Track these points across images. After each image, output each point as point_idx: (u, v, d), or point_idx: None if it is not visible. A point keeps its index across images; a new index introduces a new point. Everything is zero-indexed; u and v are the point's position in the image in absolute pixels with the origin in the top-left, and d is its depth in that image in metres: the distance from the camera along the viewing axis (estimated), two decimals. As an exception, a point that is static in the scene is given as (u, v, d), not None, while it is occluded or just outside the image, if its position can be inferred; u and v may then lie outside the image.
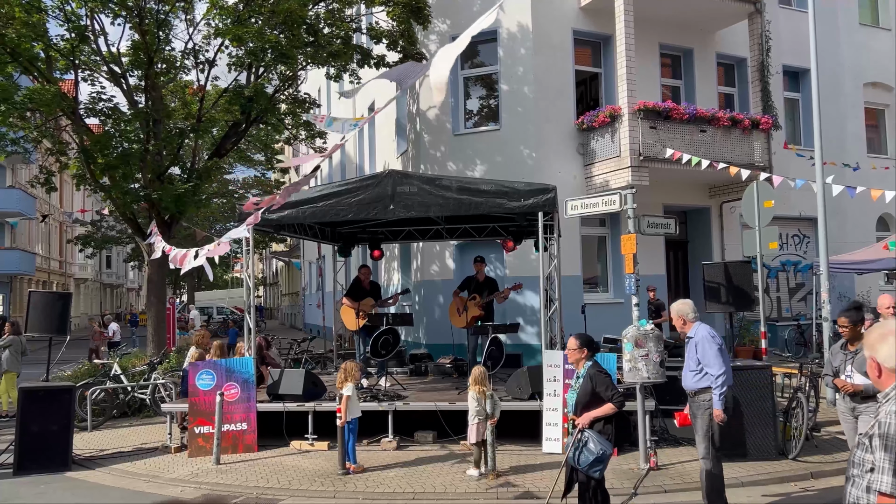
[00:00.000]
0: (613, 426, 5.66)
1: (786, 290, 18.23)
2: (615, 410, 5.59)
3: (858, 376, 6.02)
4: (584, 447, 5.47)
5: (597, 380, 5.70)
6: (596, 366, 5.82)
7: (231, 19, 13.91)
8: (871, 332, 2.78)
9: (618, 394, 5.63)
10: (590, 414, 5.61)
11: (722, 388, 6.13)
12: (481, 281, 12.08)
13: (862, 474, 2.63)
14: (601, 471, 5.50)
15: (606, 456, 5.47)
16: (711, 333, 6.38)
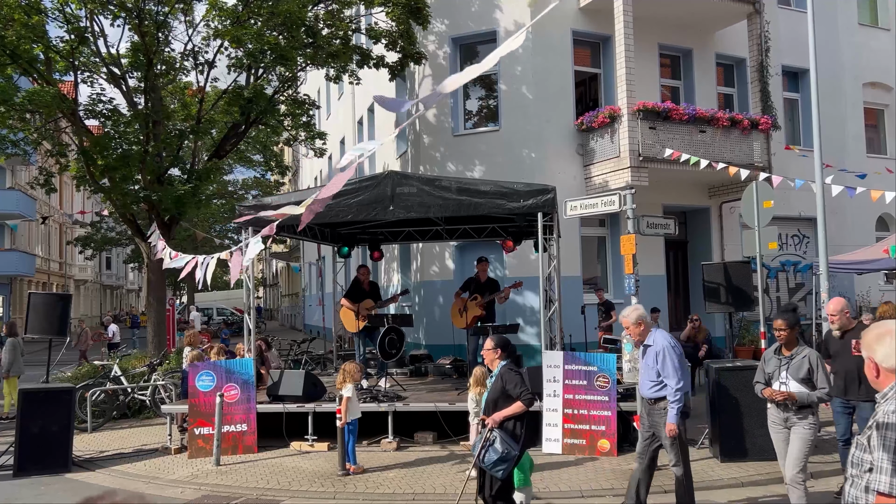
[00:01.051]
0: (524, 427, 5.58)
1: (785, 291, 18.21)
2: (524, 409, 5.52)
3: (794, 383, 5.78)
4: (491, 446, 5.46)
5: (506, 378, 5.65)
6: (509, 365, 5.77)
7: (230, 21, 13.94)
8: (868, 332, 2.78)
9: (526, 392, 5.55)
10: (500, 413, 5.56)
11: (679, 403, 5.99)
12: (483, 282, 12.08)
13: (861, 474, 2.63)
14: (504, 471, 5.43)
15: (511, 456, 5.42)
16: (672, 343, 6.22)
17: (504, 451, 5.41)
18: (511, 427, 5.55)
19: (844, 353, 6.75)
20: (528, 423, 5.67)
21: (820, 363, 5.77)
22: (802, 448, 5.68)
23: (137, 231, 15.72)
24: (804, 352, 5.83)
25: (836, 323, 6.82)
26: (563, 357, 8.99)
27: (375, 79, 17.94)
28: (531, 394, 5.61)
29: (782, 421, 5.85)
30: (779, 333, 5.89)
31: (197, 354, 10.85)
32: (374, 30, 15.44)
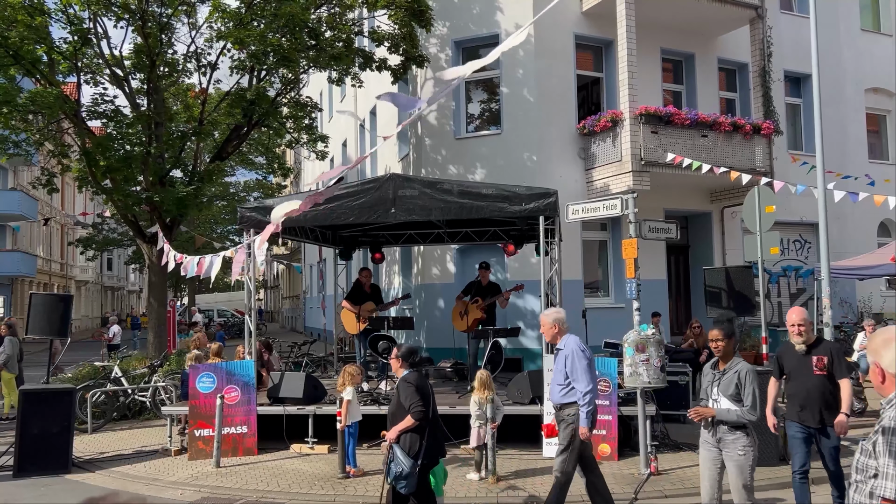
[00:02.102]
0: (423, 440, 5.49)
1: (787, 296, 18.21)
2: (415, 423, 5.44)
3: (725, 400, 5.32)
4: (392, 462, 5.42)
5: (401, 390, 5.60)
6: (407, 377, 5.67)
7: (233, 22, 13.94)
8: (874, 337, 2.76)
9: (416, 405, 5.45)
10: (396, 427, 5.51)
11: (589, 406, 5.93)
12: (484, 285, 12.08)
13: (865, 480, 2.62)
14: (406, 487, 5.37)
15: (407, 473, 5.34)
16: (581, 347, 6.15)
17: (399, 468, 5.36)
18: (408, 441, 5.48)
19: (805, 370, 6.09)
20: (430, 435, 5.55)
21: (750, 379, 5.28)
22: (740, 476, 5.25)
23: (139, 232, 15.71)
24: (736, 366, 5.40)
25: (803, 335, 6.11)
26: (564, 361, 8.97)
27: (378, 81, 17.96)
28: (422, 407, 5.45)
29: (714, 441, 5.41)
30: (715, 345, 5.50)
31: (197, 355, 10.84)
32: (377, 32, 15.45)
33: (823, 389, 5.99)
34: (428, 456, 5.52)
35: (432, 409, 5.62)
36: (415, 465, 5.37)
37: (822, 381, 5.98)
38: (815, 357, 6.04)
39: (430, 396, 5.69)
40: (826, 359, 6.00)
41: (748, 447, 5.27)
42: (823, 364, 5.99)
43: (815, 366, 6.01)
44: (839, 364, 6.01)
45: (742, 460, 5.26)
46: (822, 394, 5.98)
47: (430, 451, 5.55)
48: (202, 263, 9.58)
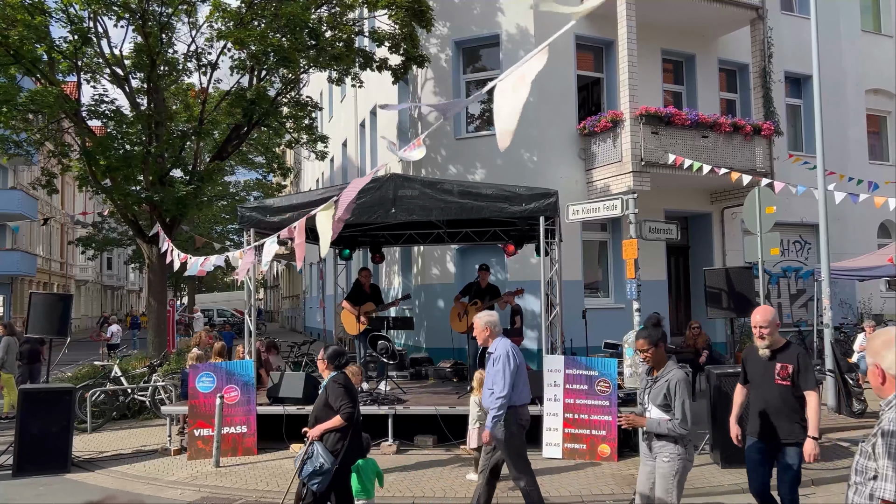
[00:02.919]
0: (347, 441, 5.51)
1: (787, 297, 18.21)
2: (343, 423, 5.47)
3: (655, 410, 4.95)
4: (309, 459, 5.42)
5: (330, 390, 5.61)
6: (336, 377, 5.69)
7: (233, 22, 13.95)
8: (874, 338, 2.76)
9: (346, 405, 5.47)
10: (320, 426, 5.53)
11: (499, 411, 5.78)
12: (483, 287, 12.07)
13: (865, 482, 2.62)
14: (320, 484, 5.36)
15: (326, 470, 5.36)
16: (509, 353, 5.98)
17: (319, 464, 5.36)
18: (331, 440, 5.50)
19: (767, 378, 5.35)
20: (353, 436, 5.58)
21: (679, 389, 4.85)
22: (663, 486, 4.89)
23: (139, 232, 15.72)
24: (668, 374, 4.97)
25: (766, 338, 5.35)
26: (563, 361, 8.98)
27: (378, 81, 17.96)
28: (351, 408, 5.49)
29: (647, 451, 5.11)
30: (643, 356, 5.14)
31: (198, 355, 10.84)
32: (377, 32, 15.46)
33: (785, 401, 5.23)
34: (347, 457, 5.54)
35: (357, 411, 5.65)
36: (334, 463, 5.40)
37: (784, 391, 5.22)
38: (778, 364, 5.24)
39: (357, 398, 5.73)
40: (791, 367, 5.20)
41: (674, 455, 4.87)
42: (787, 373, 5.21)
43: (777, 374, 5.23)
44: (805, 374, 5.20)
45: (666, 468, 4.89)
46: (784, 406, 5.23)
47: (351, 453, 5.58)
48: (206, 263, 9.56)
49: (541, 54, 3.95)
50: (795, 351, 5.33)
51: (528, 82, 3.95)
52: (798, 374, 5.21)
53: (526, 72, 3.98)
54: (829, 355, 11.07)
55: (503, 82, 4.14)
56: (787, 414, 5.24)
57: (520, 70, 4.03)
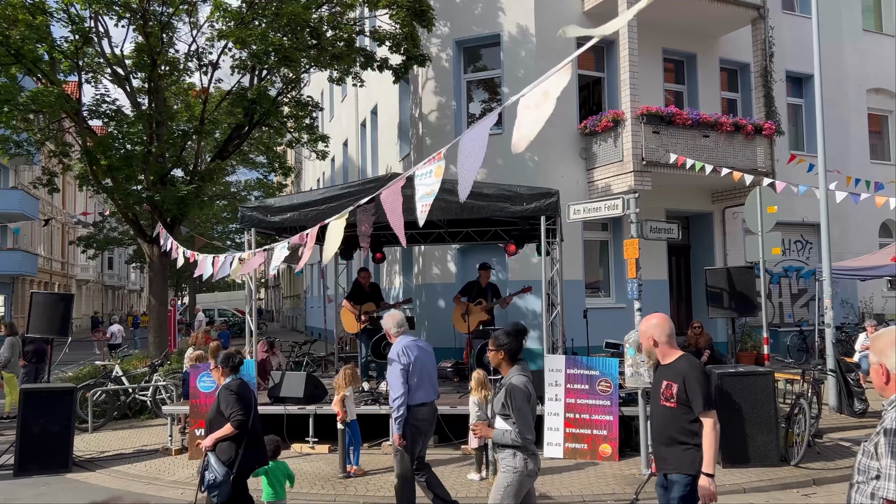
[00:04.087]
0: (240, 449, 5.40)
1: (788, 296, 18.20)
2: (234, 432, 5.36)
3: (498, 419, 4.68)
4: (206, 470, 5.35)
5: (222, 397, 5.51)
6: (228, 384, 5.59)
7: (234, 22, 13.95)
8: (879, 337, 2.74)
9: (237, 413, 5.35)
10: (213, 435, 5.43)
11: (398, 412, 5.78)
12: (484, 287, 12.06)
13: (867, 481, 2.61)
14: (219, 496, 5.30)
15: (220, 482, 5.28)
16: (400, 351, 6.00)
17: (211, 477, 5.30)
18: (224, 449, 5.40)
19: (655, 399, 4.63)
20: (250, 444, 5.47)
21: (514, 397, 4.59)
22: (494, 494, 4.67)
23: (140, 231, 15.72)
24: (508, 381, 4.68)
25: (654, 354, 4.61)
26: (565, 361, 8.98)
27: (379, 81, 17.95)
28: (242, 415, 5.38)
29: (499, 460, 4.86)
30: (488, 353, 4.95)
31: (198, 355, 10.83)
32: (378, 32, 15.45)
33: (668, 426, 4.46)
34: (244, 465, 5.43)
35: (253, 417, 5.53)
36: (228, 473, 5.30)
37: (668, 414, 4.45)
38: (664, 382, 4.49)
39: (252, 404, 5.60)
40: (676, 386, 4.38)
41: (510, 468, 4.64)
42: (671, 393, 4.42)
43: (661, 394, 4.48)
44: (694, 393, 4.31)
45: (500, 479, 4.68)
46: (667, 432, 4.46)
47: (248, 461, 5.45)
48: (216, 263, 9.50)
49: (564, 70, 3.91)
50: (683, 367, 4.43)
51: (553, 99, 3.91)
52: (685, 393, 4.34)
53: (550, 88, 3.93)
54: (831, 355, 11.06)
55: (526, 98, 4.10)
56: (672, 441, 4.42)
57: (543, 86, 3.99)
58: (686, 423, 4.36)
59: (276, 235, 12.18)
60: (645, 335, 4.56)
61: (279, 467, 5.88)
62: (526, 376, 4.70)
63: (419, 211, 5.03)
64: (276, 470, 5.83)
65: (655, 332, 4.50)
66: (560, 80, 3.92)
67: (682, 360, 4.47)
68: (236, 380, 5.64)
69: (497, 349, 4.79)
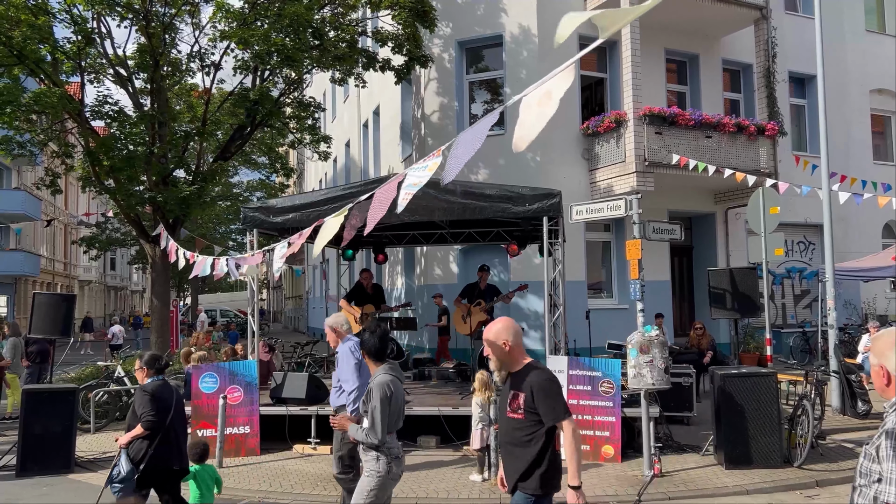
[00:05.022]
0: (150, 448, 5.49)
1: (791, 297, 18.17)
2: (144, 432, 5.46)
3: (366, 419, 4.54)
4: (115, 466, 5.48)
5: (136, 398, 5.61)
6: (144, 385, 5.65)
7: (237, 22, 13.96)
8: (879, 338, 2.73)
9: (147, 414, 5.44)
10: (127, 434, 5.53)
11: (355, 405, 5.80)
12: (483, 288, 12.06)
13: (869, 484, 2.59)
14: (122, 492, 5.38)
15: (124, 478, 5.39)
16: (353, 348, 6.06)
17: (116, 472, 5.42)
18: (135, 448, 5.50)
19: (503, 411, 4.20)
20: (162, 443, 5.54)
21: (371, 395, 4.45)
22: (357, 497, 4.55)
23: (142, 232, 15.74)
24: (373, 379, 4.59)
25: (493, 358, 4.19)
26: (567, 362, 8.96)
27: (381, 82, 17.96)
28: (152, 416, 5.45)
29: None
30: None
31: (202, 356, 10.84)
32: (381, 33, 15.45)
33: (515, 440, 4.05)
34: (153, 462, 5.51)
35: (172, 418, 5.61)
36: (133, 471, 5.43)
37: (516, 427, 4.03)
38: (511, 392, 4.10)
39: (171, 405, 5.66)
40: (523, 396, 4.00)
41: (373, 472, 4.50)
42: (519, 404, 4.02)
43: (509, 405, 4.09)
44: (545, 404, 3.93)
45: (363, 483, 4.53)
46: (515, 447, 4.04)
47: (157, 458, 5.53)
48: (216, 265, 9.49)
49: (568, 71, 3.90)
50: (533, 376, 4.05)
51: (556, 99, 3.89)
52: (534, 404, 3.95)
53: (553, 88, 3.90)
54: (834, 356, 11.04)
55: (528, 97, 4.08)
56: (519, 457, 4.00)
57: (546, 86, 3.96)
58: (529, 437, 3.97)
59: (278, 236, 12.20)
60: (496, 342, 4.09)
61: (207, 471, 5.89)
62: (392, 375, 4.59)
63: (401, 198, 4.96)
64: (203, 473, 5.85)
65: (508, 336, 4.09)
66: (563, 80, 3.90)
67: (529, 367, 4.12)
68: (156, 381, 5.71)
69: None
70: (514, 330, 4.15)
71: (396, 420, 4.60)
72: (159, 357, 5.94)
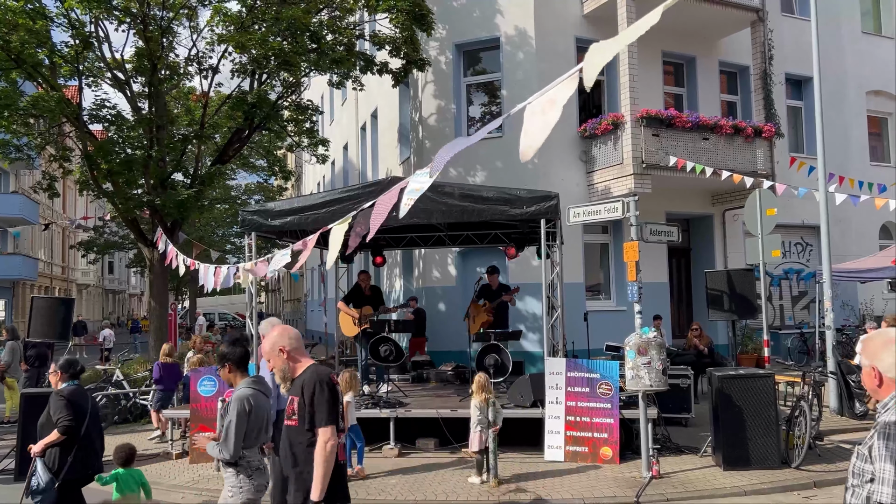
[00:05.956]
0: (69, 455, 5.40)
1: (789, 299, 18.19)
2: (59, 438, 5.32)
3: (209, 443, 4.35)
4: (33, 476, 5.35)
5: (52, 403, 5.51)
6: (62, 389, 5.56)
7: (234, 26, 13.99)
8: (872, 340, 2.74)
9: (64, 419, 5.30)
10: (42, 441, 5.41)
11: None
12: (494, 289, 12.07)
13: (861, 484, 2.61)
14: (41, 502, 5.29)
15: (43, 489, 5.27)
16: None
17: (36, 483, 5.30)
18: (52, 456, 5.38)
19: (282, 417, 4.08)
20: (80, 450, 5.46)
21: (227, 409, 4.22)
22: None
23: (140, 235, 15.75)
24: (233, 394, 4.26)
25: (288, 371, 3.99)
26: (565, 364, 8.98)
27: (378, 85, 17.98)
28: (69, 421, 5.34)
29: None
30: None
31: (199, 359, 10.84)
32: (378, 36, 15.47)
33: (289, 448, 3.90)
34: (71, 472, 5.41)
35: (87, 424, 5.51)
36: (52, 480, 5.31)
37: (290, 434, 3.88)
38: (290, 398, 3.93)
39: (87, 410, 5.58)
40: (297, 401, 3.83)
41: (235, 489, 4.21)
42: (293, 409, 3.86)
43: (286, 414, 3.94)
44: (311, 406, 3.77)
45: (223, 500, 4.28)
46: (288, 456, 3.90)
47: (75, 468, 5.43)
48: (219, 273, 9.44)
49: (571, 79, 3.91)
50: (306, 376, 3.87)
51: (560, 107, 3.89)
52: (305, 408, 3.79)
53: (556, 96, 3.91)
54: (831, 357, 11.06)
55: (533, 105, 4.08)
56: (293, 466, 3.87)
57: (550, 94, 3.97)
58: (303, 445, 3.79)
59: (276, 239, 12.22)
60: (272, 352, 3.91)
61: (132, 475, 5.86)
62: (254, 389, 4.26)
63: (403, 203, 4.98)
64: (127, 477, 5.81)
65: (284, 341, 3.91)
66: (566, 88, 3.91)
67: (307, 370, 3.92)
68: (71, 386, 5.64)
69: (222, 364, 4.39)
70: (290, 335, 3.98)
71: (257, 435, 4.29)
72: (76, 362, 5.84)
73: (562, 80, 3.91)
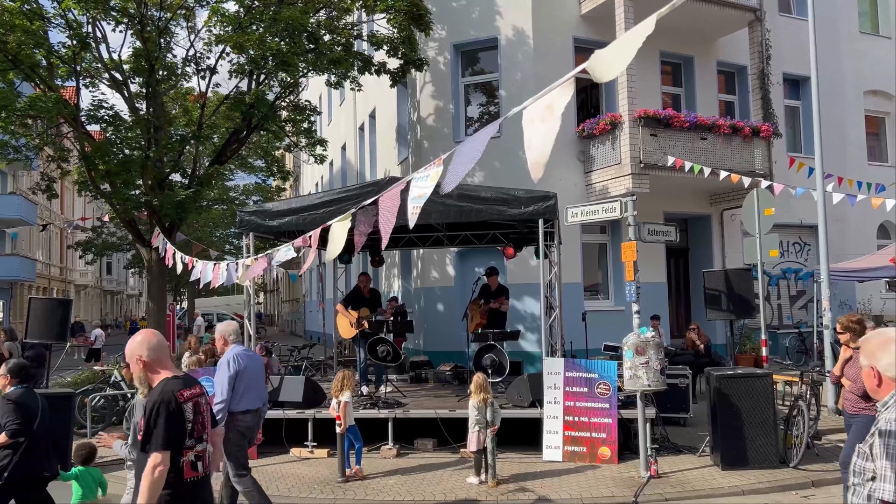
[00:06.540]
0: (15, 457, 5.39)
1: (787, 298, 18.21)
2: (7, 441, 5.35)
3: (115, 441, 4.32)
4: None
5: (0, 407, 5.52)
6: (9, 394, 5.58)
7: (232, 27, 13.98)
8: (870, 340, 2.75)
9: (12, 423, 5.34)
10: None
11: (218, 415, 5.71)
12: (493, 289, 12.06)
13: (863, 483, 2.61)
14: None
15: None
16: (231, 359, 6.09)
17: None
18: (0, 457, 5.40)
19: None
20: (29, 451, 5.46)
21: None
22: None
23: (138, 236, 15.73)
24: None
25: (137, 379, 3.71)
26: (563, 364, 8.98)
27: (376, 85, 17.97)
28: (17, 424, 5.36)
29: None
30: None
31: (196, 360, 10.82)
32: (376, 36, 15.47)
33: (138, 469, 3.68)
34: (16, 473, 5.42)
35: (39, 426, 5.54)
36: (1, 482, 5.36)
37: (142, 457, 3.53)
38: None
39: (37, 413, 5.58)
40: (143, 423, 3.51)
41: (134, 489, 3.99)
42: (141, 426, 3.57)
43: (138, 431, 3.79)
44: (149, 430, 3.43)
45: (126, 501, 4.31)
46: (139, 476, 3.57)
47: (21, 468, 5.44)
48: (217, 270, 9.44)
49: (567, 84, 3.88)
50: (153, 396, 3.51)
51: (558, 114, 3.86)
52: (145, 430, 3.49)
53: (553, 102, 3.87)
54: (829, 356, 11.07)
55: (529, 110, 4.05)
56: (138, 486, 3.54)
57: (546, 99, 3.94)
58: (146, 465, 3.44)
59: (274, 239, 12.20)
60: (132, 360, 3.63)
61: (91, 473, 5.94)
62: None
63: (410, 212, 5.02)
64: (86, 475, 5.91)
65: (142, 350, 3.59)
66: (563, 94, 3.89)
67: (157, 386, 3.55)
68: (19, 389, 5.64)
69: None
70: (152, 343, 3.64)
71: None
72: (27, 366, 5.85)
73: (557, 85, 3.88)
